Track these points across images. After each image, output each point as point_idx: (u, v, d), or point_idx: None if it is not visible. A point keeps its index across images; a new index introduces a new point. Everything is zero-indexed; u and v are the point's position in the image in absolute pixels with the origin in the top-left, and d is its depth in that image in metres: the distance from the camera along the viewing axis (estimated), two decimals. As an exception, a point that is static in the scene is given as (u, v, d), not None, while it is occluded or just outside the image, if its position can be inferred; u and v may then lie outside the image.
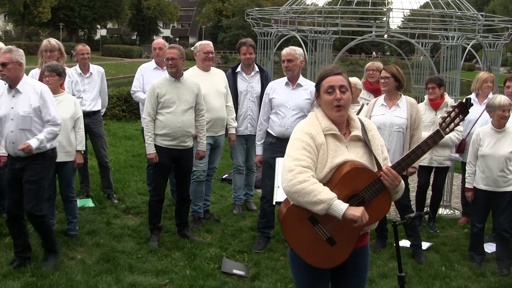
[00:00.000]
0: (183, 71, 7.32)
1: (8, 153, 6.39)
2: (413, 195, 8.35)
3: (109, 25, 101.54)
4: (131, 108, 17.66)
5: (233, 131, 8.31)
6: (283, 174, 3.77)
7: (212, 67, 8.25)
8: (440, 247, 7.75)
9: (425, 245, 7.62)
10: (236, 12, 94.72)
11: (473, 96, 8.75)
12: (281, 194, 4.23)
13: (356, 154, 3.84)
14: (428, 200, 8.85)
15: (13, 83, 6.17)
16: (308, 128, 3.87)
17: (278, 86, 7.25)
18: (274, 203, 4.90)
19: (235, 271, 6.54)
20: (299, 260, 3.91)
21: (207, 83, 7.86)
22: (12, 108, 6.16)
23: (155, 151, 7.15)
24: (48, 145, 6.27)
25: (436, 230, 8.47)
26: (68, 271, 6.30)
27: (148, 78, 8.53)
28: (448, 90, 9.20)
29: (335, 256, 3.85)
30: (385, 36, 11.20)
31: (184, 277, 6.32)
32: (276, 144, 7.12)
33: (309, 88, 7.19)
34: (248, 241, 7.58)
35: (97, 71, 9.07)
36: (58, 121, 6.31)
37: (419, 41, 11.38)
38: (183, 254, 7.02)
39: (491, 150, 6.91)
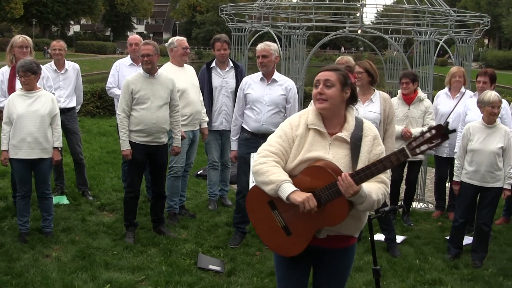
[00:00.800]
0: (157, 67, 7.30)
1: None
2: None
3: (83, 21, 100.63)
4: (105, 105, 17.58)
5: (205, 125, 8.32)
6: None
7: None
8: (414, 241, 7.83)
9: (399, 238, 7.69)
10: (210, 7, 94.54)
11: (446, 90, 8.87)
12: None
13: (336, 154, 3.80)
14: (402, 194, 8.93)
15: None
16: (294, 118, 3.98)
17: (253, 82, 7.26)
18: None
19: (211, 267, 6.54)
20: None
21: (184, 78, 7.86)
22: None
23: (130, 148, 7.12)
24: None
25: (410, 223, 8.55)
26: (43, 269, 6.25)
27: (124, 74, 8.48)
28: (421, 85, 9.28)
29: (290, 247, 3.87)
30: (359, 31, 11.25)
31: (160, 273, 6.32)
32: (251, 140, 7.13)
33: (284, 83, 7.21)
34: (223, 236, 7.59)
35: (73, 67, 9.01)
36: None
37: (393, 36, 11.45)
38: (159, 250, 7.01)
39: (480, 145, 6.96)
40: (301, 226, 3.79)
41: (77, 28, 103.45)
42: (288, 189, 3.68)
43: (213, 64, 8.53)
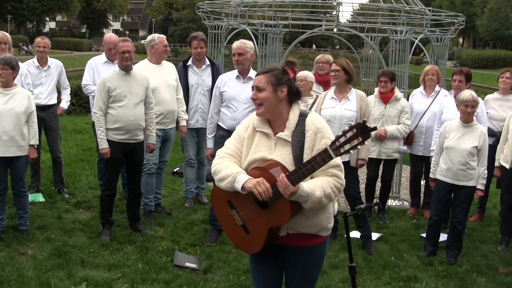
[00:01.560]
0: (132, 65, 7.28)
1: None
2: (362, 186, 8.46)
3: (58, 17, 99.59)
4: (81, 102, 17.47)
5: (184, 123, 8.29)
6: None
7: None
8: (390, 238, 7.88)
9: (375, 235, 7.74)
10: (187, 5, 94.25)
11: (421, 89, 8.93)
12: None
13: (280, 154, 3.82)
14: (377, 192, 8.99)
15: None
16: (246, 119, 4.10)
17: (229, 80, 7.25)
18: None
19: (187, 264, 6.54)
20: None
21: (157, 76, 7.83)
22: None
23: (108, 146, 7.09)
24: None
25: (385, 221, 8.61)
26: (19, 267, 6.20)
27: (99, 71, 8.43)
28: (396, 84, 9.33)
29: (250, 245, 3.92)
30: (335, 29, 11.28)
31: (137, 271, 6.30)
32: (227, 137, 7.04)
33: (260, 81, 7.21)
34: (200, 234, 7.58)
35: (56, 64, 8.98)
36: None
37: (368, 35, 11.50)
38: (135, 248, 6.99)
39: (455, 143, 7.02)
40: (256, 225, 3.83)
41: (52, 24, 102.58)
42: (242, 180, 3.72)
43: (190, 62, 8.52)
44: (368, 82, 11.17)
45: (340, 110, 7.21)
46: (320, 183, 3.71)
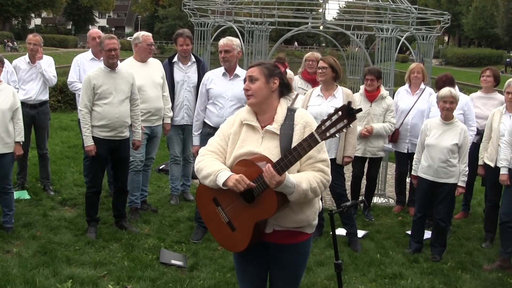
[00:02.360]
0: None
1: None
2: (348, 184, 8.48)
3: (44, 14, 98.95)
4: (67, 99, 17.39)
5: (168, 120, 8.27)
6: None
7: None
8: (375, 235, 7.91)
9: (360, 233, 7.76)
10: (173, 2, 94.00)
11: (406, 87, 8.96)
12: None
13: (268, 147, 3.83)
14: (362, 189, 9.02)
15: None
16: (232, 116, 4.13)
17: (215, 77, 7.25)
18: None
19: (173, 262, 6.53)
20: None
21: (143, 74, 7.80)
22: None
23: (93, 143, 7.06)
24: None
25: (371, 218, 8.64)
26: (4, 265, 6.17)
27: (85, 68, 8.39)
28: (382, 81, 9.36)
29: (235, 243, 3.92)
30: (321, 27, 11.31)
31: (122, 269, 6.28)
32: (214, 135, 7.11)
33: (246, 78, 7.22)
34: (186, 231, 7.57)
35: (46, 60, 8.95)
36: None
37: (355, 32, 11.54)
38: (121, 246, 6.97)
39: (435, 141, 7.06)
40: (242, 221, 3.83)
41: (38, 21, 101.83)
42: (224, 177, 3.74)
43: (175, 59, 8.50)
44: (354, 80, 11.21)
45: (327, 108, 7.21)
46: (306, 176, 3.72)
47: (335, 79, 7.33)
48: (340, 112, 3.45)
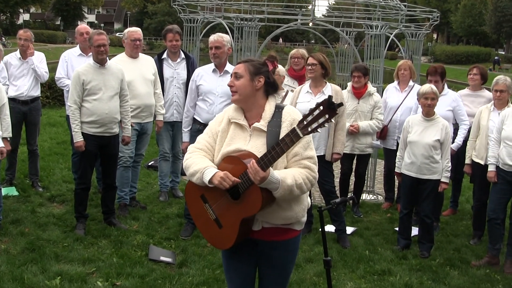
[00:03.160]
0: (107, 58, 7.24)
1: None
2: (336, 181, 8.49)
3: (32, 9, 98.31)
4: (55, 95, 17.30)
5: (161, 118, 8.26)
6: None
7: (141, 53, 8.18)
8: (364, 232, 7.93)
9: (349, 229, 7.79)
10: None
11: (395, 84, 8.98)
12: None
13: (255, 144, 3.83)
14: (351, 186, 9.03)
15: None
16: (220, 114, 4.12)
17: (205, 73, 7.23)
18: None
19: (162, 258, 6.53)
20: None
21: (133, 70, 7.79)
22: None
23: (82, 139, 7.04)
24: None
25: (360, 215, 8.66)
26: (-9, 262, 6.14)
27: (73, 64, 8.37)
28: (371, 78, 9.39)
29: (223, 240, 3.92)
30: (310, 24, 11.31)
31: (111, 265, 6.27)
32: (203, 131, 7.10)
33: (236, 75, 7.22)
34: (174, 228, 7.57)
35: (37, 56, 8.92)
36: None
37: (344, 29, 11.54)
38: (109, 242, 6.96)
39: (417, 137, 7.09)
40: (228, 218, 3.83)
41: (26, 16, 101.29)
42: (209, 174, 3.75)
43: (165, 55, 8.49)
44: (343, 77, 11.21)
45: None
46: (292, 173, 3.72)
47: (324, 76, 7.34)
48: (321, 107, 3.45)
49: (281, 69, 8.38)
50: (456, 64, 63.09)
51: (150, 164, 10.73)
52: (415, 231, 7.62)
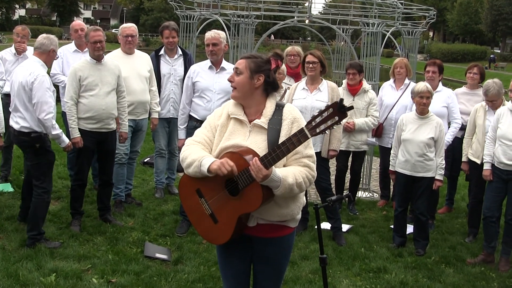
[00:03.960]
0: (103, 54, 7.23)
1: None
2: (332, 178, 8.49)
3: (28, 5, 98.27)
4: (51, 91, 17.25)
5: (156, 115, 8.24)
6: None
7: (137, 50, 8.16)
8: (360, 229, 7.94)
9: (345, 227, 7.79)
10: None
11: (391, 82, 8.98)
12: None
13: (254, 141, 3.82)
14: (347, 184, 9.04)
15: None
16: (219, 108, 4.09)
17: (201, 70, 7.23)
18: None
19: (157, 255, 6.52)
20: None
21: (128, 66, 7.77)
22: None
23: (79, 135, 7.02)
24: None
25: (355, 212, 8.67)
26: (-14, 258, 6.12)
27: (68, 61, 8.34)
28: (368, 76, 9.40)
29: (217, 235, 3.90)
30: (307, 21, 11.30)
31: (107, 262, 6.26)
32: (200, 128, 7.09)
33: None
34: (170, 224, 7.56)
35: (31, 51, 8.85)
36: None
37: (340, 27, 11.55)
38: (105, 239, 6.95)
39: (411, 135, 7.10)
40: (225, 213, 3.81)
41: (22, 12, 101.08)
42: (207, 163, 3.71)
43: (162, 52, 8.48)
44: (340, 74, 11.23)
45: (312, 101, 7.23)
46: (293, 171, 3.73)
47: (322, 73, 7.36)
48: (331, 109, 3.47)
49: (283, 67, 8.38)
50: (452, 62, 63.15)
51: (145, 160, 10.72)
52: (410, 229, 7.63)
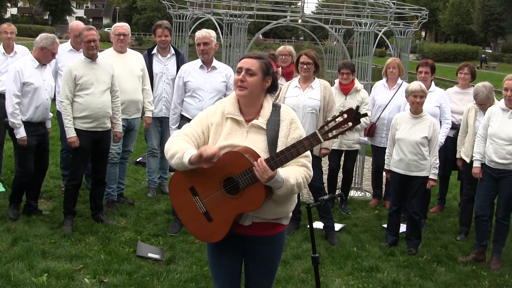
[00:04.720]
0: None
1: None
2: (324, 177, 8.50)
3: (20, 3, 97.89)
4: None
5: (149, 114, 8.22)
6: None
7: (129, 49, 8.15)
8: (352, 228, 7.95)
9: (337, 226, 7.80)
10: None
11: (383, 81, 9.00)
12: None
13: (253, 141, 3.83)
14: (339, 183, 9.05)
15: None
16: (212, 107, 4.06)
17: (192, 69, 7.22)
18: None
19: (150, 255, 6.51)
20: None
21: (120, 65, 7.75)
22: None
23: (75, 134, 7.01)
24: None
25: (348, 211, 8.68)
26: (-23, 258, 6.10)
27: (63, 60, 8.31)
28: (360, 75, 9.42)
29: (211, 233, 3.89)
30: (299, 21, 11.31)
31: (99, 262, 6.25)
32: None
33: (223, 70, 7.24)
34: (162, 224, 7.55)
35: (22, 51, 8.82)
36: None
37: (333, 26, 11.56)
38: (97, 239, 6.93)
39: (405, 135, 7.12)
40: (221, 212, 3.80)
41: (14, 11, 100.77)
42: (190, 153, 3.70)
43: (155, 51, 8.48)
44: (332, 74, 11.24)
45: (304, 99, 7.24)
46: (293, 172, 3.74)
47: (315, 73, 7.38)
48: (345, 115, 3.51)
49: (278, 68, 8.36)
50: (444, 62, 63.30)
51: (138, 160, 10.70)
52: (403, 228, 7.65)
